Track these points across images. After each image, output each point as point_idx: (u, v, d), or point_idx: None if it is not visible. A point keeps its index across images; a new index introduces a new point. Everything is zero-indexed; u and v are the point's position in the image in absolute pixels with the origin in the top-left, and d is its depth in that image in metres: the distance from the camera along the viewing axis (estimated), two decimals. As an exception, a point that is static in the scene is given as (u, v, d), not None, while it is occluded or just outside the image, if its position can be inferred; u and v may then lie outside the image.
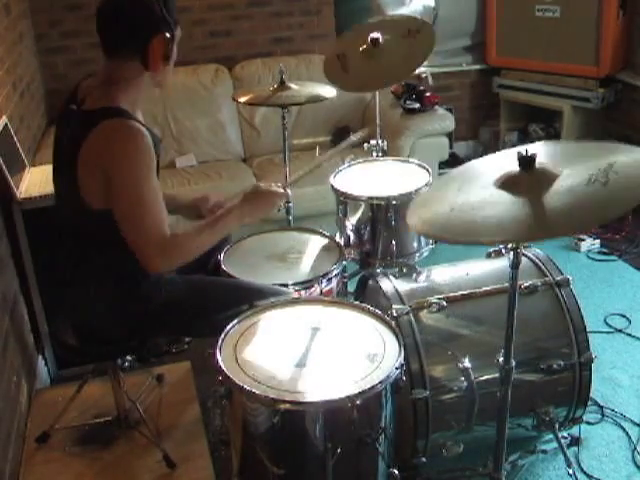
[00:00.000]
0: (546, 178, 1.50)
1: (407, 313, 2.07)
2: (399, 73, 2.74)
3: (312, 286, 2.23)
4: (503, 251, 2.37)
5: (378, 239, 2.62)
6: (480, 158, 1.77)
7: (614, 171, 1.45)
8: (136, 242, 1.82)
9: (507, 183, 1.53)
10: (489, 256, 2.41)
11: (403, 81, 4.10)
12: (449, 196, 1.62)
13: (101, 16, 1.83)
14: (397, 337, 1.74)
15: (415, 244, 2.67)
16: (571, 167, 1.53)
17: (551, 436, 2.21)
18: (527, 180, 1.51)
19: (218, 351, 1.70)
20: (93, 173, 1.80)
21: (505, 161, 1.58)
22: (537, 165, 1.51)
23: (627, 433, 2.36)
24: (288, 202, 2.99)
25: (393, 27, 2.75)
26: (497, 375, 1.74)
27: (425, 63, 2.90)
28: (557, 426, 2.15)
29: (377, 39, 2.69)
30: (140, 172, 1.79)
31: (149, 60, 1.81)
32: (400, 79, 3.16)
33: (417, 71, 4.30)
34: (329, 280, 2.27)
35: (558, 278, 2.20)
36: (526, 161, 1.52)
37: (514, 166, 1.53)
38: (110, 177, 1.78)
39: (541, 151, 1.56)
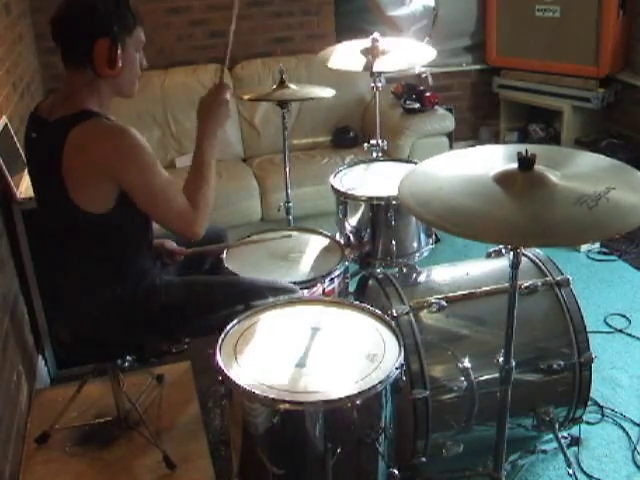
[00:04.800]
0: (540, 183, 1.51)
1: (407, 313, 2.07)
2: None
3: (314, 285, 2.23)
4: (503, 251, 2.38)
5: (378, 239, 2.62)
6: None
7: (607, 197, 1.45)
8: (174, 223, 1.88)
9: (502, 178, 1.54)
10: (489, 256, 2.41)
11: (403, 81, 4.12)
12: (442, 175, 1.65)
13: (52, 26, 1.83)
14: (397, 337, 1.74)
15: (415, 244, 2.67)
16: (571, 179, 1.54)
17: (551, 436, 2.21)
18: (521, 180, 1.52)
19: (218, 351, 1.70)
20: (89, 180, 1.79)
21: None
22: (536, 168, 1.52)
23: (627, 433, 2.36)
24: (288, 202, 3.00)
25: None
26: (497, 375, 1.74)
27: (425, 63, 2.91)
28: (557, 426, 2.15)
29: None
30: (149, 165, 1.81)
31: (95, 65, 1.79)
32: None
33: (417, 71, 4.31)
34: (331, 280, 2.27)
35: (558, 278, 2.20)
36: (525, 162, 1.52)
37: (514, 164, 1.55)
38: (120, 182, 1.79)
39: (551, 155, 1.57)
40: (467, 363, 2.03)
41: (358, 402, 1.54)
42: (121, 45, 1.79)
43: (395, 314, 2.04)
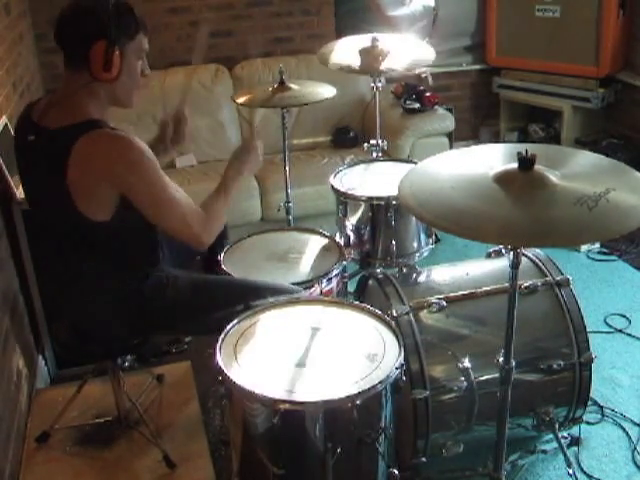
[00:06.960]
0: (540, 183, 1.51)
1: (407, 313, 2.07)
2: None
3: (312, 286, 2.23)
4: (503, 251, 2.38)
5: (378, 239, 2.62)
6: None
7: (607, 198, 1.46)
8: (180, 233, 1.89)
9: (502, 178, 1.54)
10: (489, 256, 2.41)
11: (403, 81, 4.12)
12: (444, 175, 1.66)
13: (55, 26, 1.84)
14: (397, 337, 1.74)
15: (415, 244, 2.67)
16: (571, 179, 1.54)
17: (551, 436, 2.21)
18: (521, 179, 1.52)
19: (218, 351, 1.70)
20: (94, 189, 1.77)
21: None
22: (536, 168, 1.53)
23: (627, 433, 2.36)
24: (288, 202, 3.00)
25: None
26: (497, 375, 1.74)
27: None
28: (557, 426, 2.15)
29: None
30: (154, 175, 1.80)
31: (91, 67, 1.77)
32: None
33: (417, 71, 4.31)
34: (329, 280, 2.27)
35: (558, 278, 2.20)
36: (525, 162, 1.52)
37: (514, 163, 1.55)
38: (125, 191, 1.78)
39: (551, 155, 1.58)
40: (467, 363, 2.03)
41: (358, 402, 1.54)
42: (120, 49, 1.78)
43: (395, 314, 2.04)
